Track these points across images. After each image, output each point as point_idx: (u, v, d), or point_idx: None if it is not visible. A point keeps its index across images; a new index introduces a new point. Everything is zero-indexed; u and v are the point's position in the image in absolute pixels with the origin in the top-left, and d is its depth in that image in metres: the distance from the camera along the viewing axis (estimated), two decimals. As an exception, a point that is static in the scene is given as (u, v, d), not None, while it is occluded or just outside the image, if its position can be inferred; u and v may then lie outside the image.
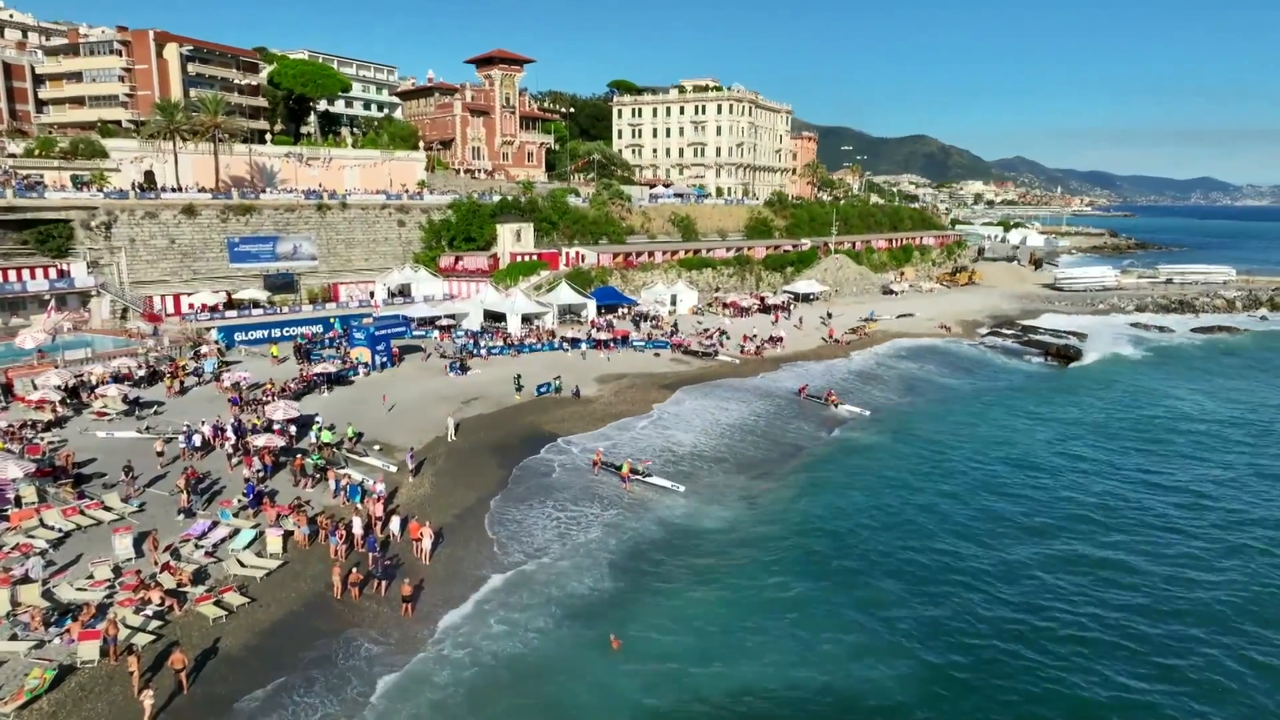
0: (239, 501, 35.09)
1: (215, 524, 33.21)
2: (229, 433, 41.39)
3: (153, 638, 25.37)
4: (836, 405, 56.27)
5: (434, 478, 40.58)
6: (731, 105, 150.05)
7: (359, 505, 35.85)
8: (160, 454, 39.02)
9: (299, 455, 39.59)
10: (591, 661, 26.75)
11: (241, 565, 30.30)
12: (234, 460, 39.27)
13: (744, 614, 30.22)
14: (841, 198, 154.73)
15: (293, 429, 43.60)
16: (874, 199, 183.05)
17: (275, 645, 26.10)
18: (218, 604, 27.25)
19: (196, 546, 31.23)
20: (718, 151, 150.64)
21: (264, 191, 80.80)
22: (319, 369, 54.00)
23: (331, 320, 69.80)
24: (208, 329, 63.87)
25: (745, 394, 58.78)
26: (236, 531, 32.75)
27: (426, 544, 32.57)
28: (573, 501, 39.16)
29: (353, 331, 60.68)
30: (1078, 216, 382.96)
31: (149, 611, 26.26)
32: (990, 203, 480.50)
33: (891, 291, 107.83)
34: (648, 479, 41.54)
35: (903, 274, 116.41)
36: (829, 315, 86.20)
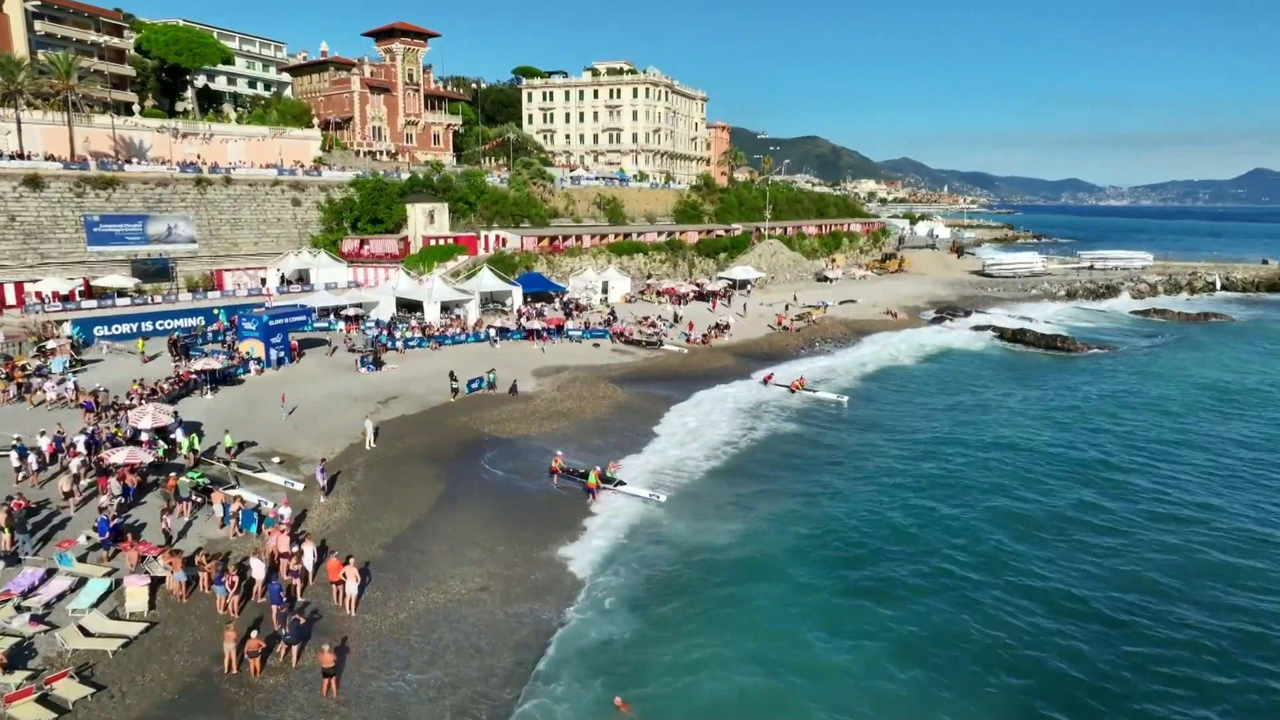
0: (87, 539, 26.03)
1: (51, 573, 24.17)
2: (78, 447, 31.78)
3: (-70, 770, 16.64)
4: (812, 393, 50.46)
5: (352, 496, 32.22)
6: (648, 89, 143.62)
7: (257, 537, 27.37)
8: (69, 494, 28.92)
9: (172, 473, 30.50)
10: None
11: (86, 634, 21.48)
12: (83, 484, 29.84)
13: (775, 650, 23.43)
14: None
15: (163, 440, 34.46)
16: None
17: (133, 763, 17.67)
18: (43, 701, 18.53)
19: (19, 609, 22.19)
20: (634, 137, 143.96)
21: (130, 163, 69.28)
22: (199, 366, 44.40)
23: (215, 311, 59.65)
24: (58, 322, 52.82)
25: (704, 386, 52.33)
26: (82, 582, 23.82)
27: (351, 588, 24.32)
28: (532, 518, 31.58)
29: (242, 322, 51.06)
30: (974, 212, 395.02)
31: (-72, 725, 17.45)
32: (883, 200, 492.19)
33: (826, 278, 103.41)
34: (620, 488, 34.18)
35: (834, 261, 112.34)
36: (795, 298, 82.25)
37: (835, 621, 25.24)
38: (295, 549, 25.76)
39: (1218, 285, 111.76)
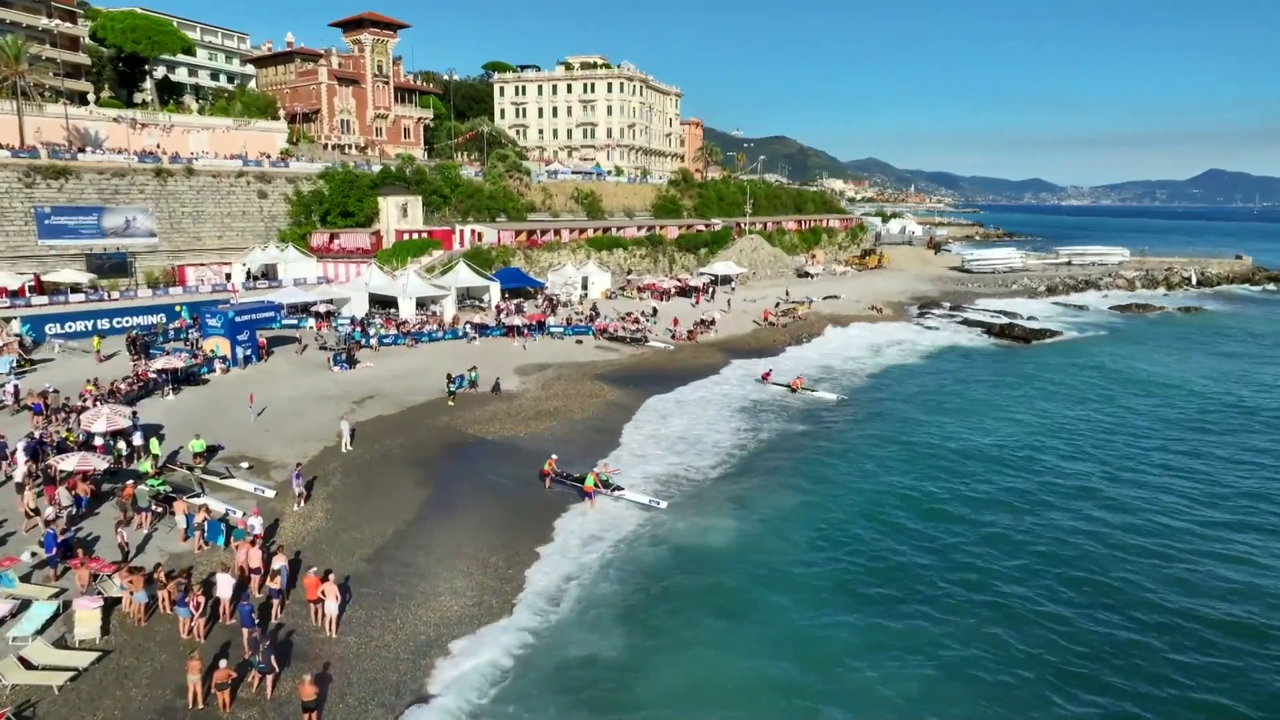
0: (32, 557, 23.31)
1: (-11, 596, 21.46)
2: (19, 454, 28.89)
3: None
4: (811, 391, 48.71)
5: (328, 503, 29.71)
6: (622, 84, 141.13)
7: (224, 550, 24.83)
8: (34, 512, 25.76)
9: (130, 481, 27.78)
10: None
11: (28, 666, 18.88)
12: (29, 494, 27.01)
13: (789, 669, 21.47)
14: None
15: (123, 444, 31.73)
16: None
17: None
18: (-24, 750, 16.00)
19: (-49, 639, 19.53)
20: (608, 132, 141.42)
21: (84, 151, 65.68)
22: (160, 364, 41.47)
23: (177, 308, 56.55)
24: (6, 319, 49.51)
25: (695, 384, 50.38)
26: (25, 606, 21.17)
27: (331, 608, 21.86)
28: (525, 527, 29.29)
29: (205, 319, 48.11)
30: (945, 211, 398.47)
31: None
32: (851, 199, 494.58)
33: (807, 274, 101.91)
34: (619, 493, 31.96)
35: (814, 256, 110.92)
36: (787, 293, 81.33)
37: (851, 642, 23.30)
38: (272, 564, 23.22)
39: (1193, 280, 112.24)
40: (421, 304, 62.23)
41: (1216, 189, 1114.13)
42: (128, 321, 53.98)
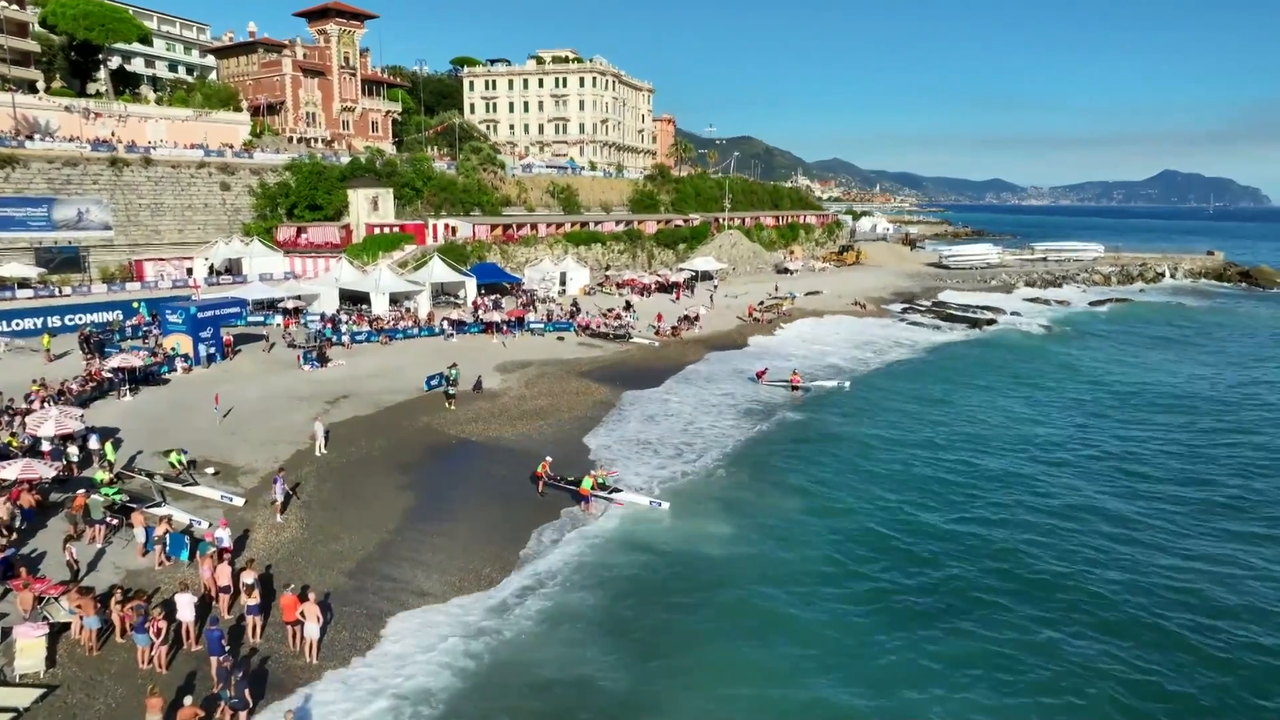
0: (-32, 577, 20.65)
1: (-84, 624, 18.81)
2: (-43, 461, 26.10)
3: None
4: (807, 389, 46.93)
5: (303, 512, 27.26)
6: (595, 78, 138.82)
7: (189, 566, 22.32)
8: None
9: (81, 490, 25.09)
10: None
11: (-40, 708, 16.35)
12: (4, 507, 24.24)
13: (797, 688, 19.46)
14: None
15: (74, 449, 28.99)
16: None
17: None
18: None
19: None
20: (581, 128, 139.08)
21: (31, 139, 62.04)
22: (116, 363, 38.53)
23: (135, 304, 53.42)
24: (-53, 316, 46.21)
25: (684, 381, 48.48)
26: (-42, 635, 18.56)
27: (311, 630, 19.49)
28: (519, 534, 27.07)
29: (165, 314, 45.19)
30: (911, 210, 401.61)
31: None
32: (819, 199, 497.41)
33: (787, 270, 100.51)
34: (617, 495, 29.84)
35: (792, 252, 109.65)
36: (776, 288, 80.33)
37: (873, 641, 21.43)
38: (244, 580, 20.76)
39: (1167, 275, 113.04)
40: (395, 300, 59.61)
41: (1171, 189, 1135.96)
42: (81, 319, 50.78)
